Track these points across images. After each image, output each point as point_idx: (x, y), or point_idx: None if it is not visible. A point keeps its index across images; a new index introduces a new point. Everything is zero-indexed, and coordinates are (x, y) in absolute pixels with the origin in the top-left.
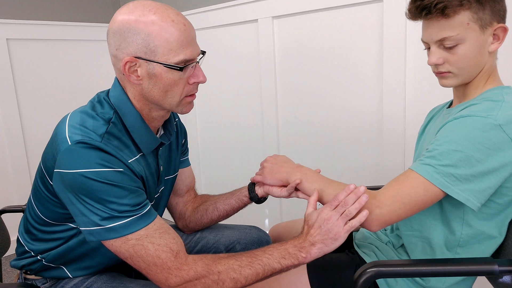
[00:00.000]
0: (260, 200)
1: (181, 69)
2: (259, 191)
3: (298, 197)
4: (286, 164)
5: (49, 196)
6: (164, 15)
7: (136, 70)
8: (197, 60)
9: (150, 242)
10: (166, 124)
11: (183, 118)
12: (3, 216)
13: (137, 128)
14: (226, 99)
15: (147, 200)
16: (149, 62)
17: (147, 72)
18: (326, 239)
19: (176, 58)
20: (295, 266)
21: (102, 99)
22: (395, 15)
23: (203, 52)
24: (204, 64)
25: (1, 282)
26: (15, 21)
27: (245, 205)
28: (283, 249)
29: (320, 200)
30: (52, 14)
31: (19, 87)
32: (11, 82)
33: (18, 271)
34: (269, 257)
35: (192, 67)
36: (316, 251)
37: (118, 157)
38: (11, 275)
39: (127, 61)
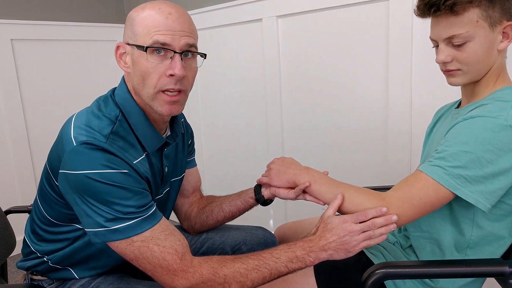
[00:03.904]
0: (266, 202)
1: (145, 49)
2: (265, 193)
3: (305, 199)
4: (293, 166)
5: (54, 197)
6: (155, 5)
7: (126, 57)
8: (178, 51)
9: (155, 244)
10: (173, 126)
11: (188, 115)
12: (9, 216)
13: (141, 126)
14: (230, 98)
15: (153, 202)
16: (132, 46)
17: (131, 58)
18: (340, 249)
19: (150, 40)
20: (302, 269)
21: (108, 97)
22: (401, 13)
23: (203, 55)
24: (208, 63)
25: (7, 282)
26: (19, 22)
27: (251, 206)
28: (291, 252)
29: (326, 202)
30: (56, 15)
31: (24, 87)
32: (15, 83)
33: (24, 271)
34: (276, 261)
35: (171, 57)
36: (325, 257)
37: (123, 158)
38: (17, 276)
39: (119, 46)
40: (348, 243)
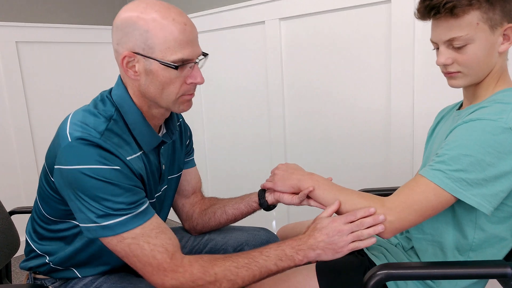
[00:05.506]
0: (269, 207)
1: (176, 67)
2: (269, 198)
3: (310, 205)
4: (297, 171)
5: (51, 194)
6: (165, 13)
7: (134, 65)
8: (196, 61)
9: (146, 242)
10: (168, 123)
11: (191, 119)
12: (13, 217)
13: (138, 126)
14: (233, 101)
15: (145, 199)
16: (147, 58)
17: (144, 68)
18: (328, 249)
19: (173, 56)
20: (291, 267)
21: (104, 97)
22: (403, 16)
23: (205, 54)
24: (212, 66)
25: (11, 282)
26: (24, 24)
27: (254, 211)
28: (280, 250)
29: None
30: (60, 17)
31: (28, 89)
32: (20, 84)
33: (28, 273)
34: (266, 259)
35: (190, 67)
36: (314, 256)
37: (116, 154)
38: (21, 276)
39: (125, 56)
40: (337, 243)
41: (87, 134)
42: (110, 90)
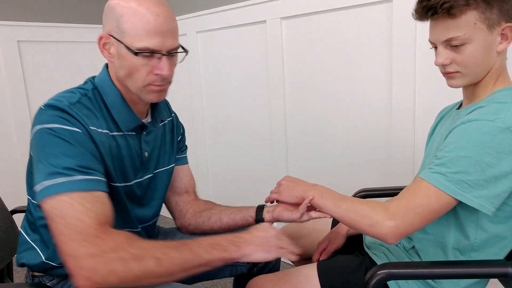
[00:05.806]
0: None
1: (136, 54)
2: (266, 216)
3: (312, 217)
4: (302, 183)
5: (32, 172)
6: (142, 2)
7: (110, 47)
8: (165, 53)
9: (79, 203)
10: (154, 113)
11: (192, 117)
12: (14, 216)
13: (117, 105)
14: (234, 100)
15: (100, 174)
16: (119, 42)
17: (117, 51)
18: (263, 244)
19: (139, 44)
20: (227, 259)
21: (87, 80)
22: (405, 15)
23: (185, 51)
24: (213, 65)
25: (13, 281)
26: (26, 23)
27: (249, 225)
28: (214, 240)
29: (332, 216)
30: (62, 16)
31: (30, 88)
32: (21, 83)
33: (26, 271)
34: (198, 245)
35: (158, 58)
36: (248, 251)
37: (79, 120)
38: (22, 275)
39: (102, 37)
40: (270, 242)
41: (57, 102)
42: (94, 76)
